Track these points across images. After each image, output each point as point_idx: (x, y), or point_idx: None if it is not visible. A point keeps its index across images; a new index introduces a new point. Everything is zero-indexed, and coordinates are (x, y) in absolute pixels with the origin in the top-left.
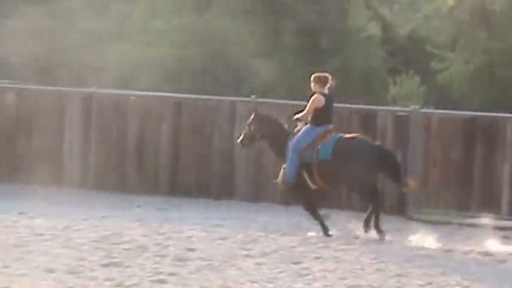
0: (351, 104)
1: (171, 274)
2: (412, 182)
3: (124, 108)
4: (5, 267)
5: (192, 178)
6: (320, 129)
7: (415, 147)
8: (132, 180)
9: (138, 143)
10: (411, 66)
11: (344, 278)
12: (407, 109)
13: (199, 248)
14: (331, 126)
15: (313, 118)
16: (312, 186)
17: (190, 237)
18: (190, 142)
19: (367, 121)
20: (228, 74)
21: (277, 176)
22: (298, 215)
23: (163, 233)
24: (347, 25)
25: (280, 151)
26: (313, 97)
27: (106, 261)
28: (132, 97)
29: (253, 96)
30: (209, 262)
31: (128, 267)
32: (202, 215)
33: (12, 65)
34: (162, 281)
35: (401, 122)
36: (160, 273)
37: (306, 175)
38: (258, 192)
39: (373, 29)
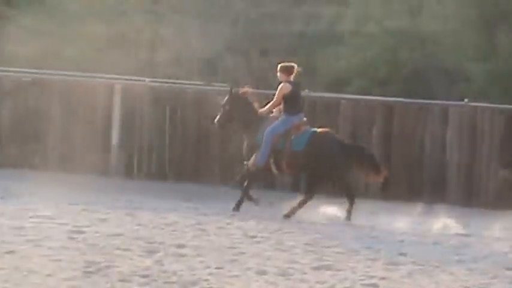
0: None
1: (383, 278)
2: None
3: (335, 112)
4: (218, 268)
5: (402, 182)
6: (295, 119)
7: None
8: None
9: None
10: None
11: None
12: None
13: (411, 252)
14: (304, 118)
15: (285, 107)
16: (275, 171)
17: (402, 241)
18: (401, 146)
19: None
20: (440, 78)
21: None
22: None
23: (374, 237)
24: None
25: (252, 135)
26: (280, 86)
27: (317, 264)
28: (343, 100)
29: (465, 100)
30: (421, 267)
31: (339, 270)
32: (414, 220)
33: (224, 67)
34: (374, 285)
35: None
36: (372, 277)
37: (272, 160)
38: (471, 197)
39: None
